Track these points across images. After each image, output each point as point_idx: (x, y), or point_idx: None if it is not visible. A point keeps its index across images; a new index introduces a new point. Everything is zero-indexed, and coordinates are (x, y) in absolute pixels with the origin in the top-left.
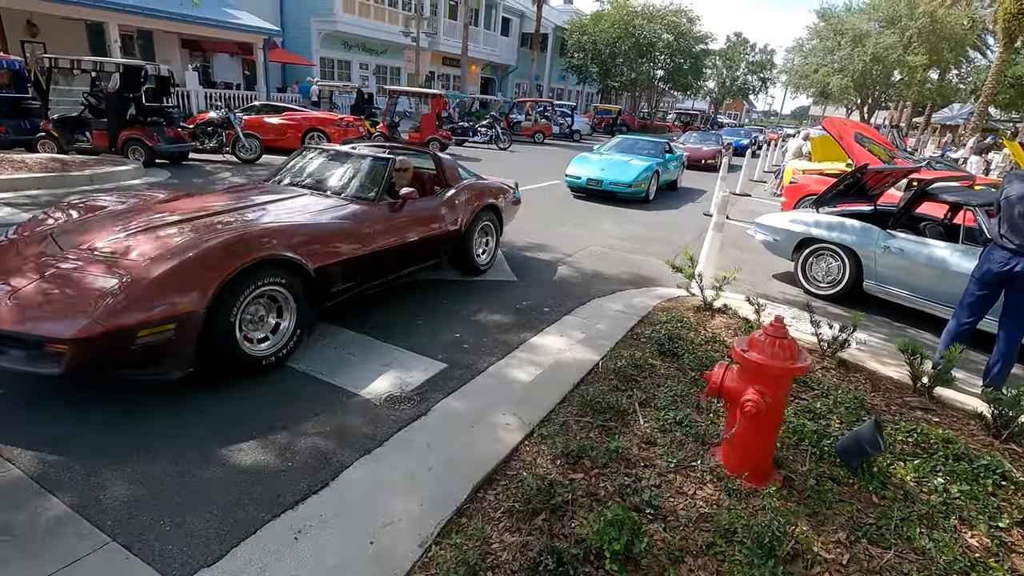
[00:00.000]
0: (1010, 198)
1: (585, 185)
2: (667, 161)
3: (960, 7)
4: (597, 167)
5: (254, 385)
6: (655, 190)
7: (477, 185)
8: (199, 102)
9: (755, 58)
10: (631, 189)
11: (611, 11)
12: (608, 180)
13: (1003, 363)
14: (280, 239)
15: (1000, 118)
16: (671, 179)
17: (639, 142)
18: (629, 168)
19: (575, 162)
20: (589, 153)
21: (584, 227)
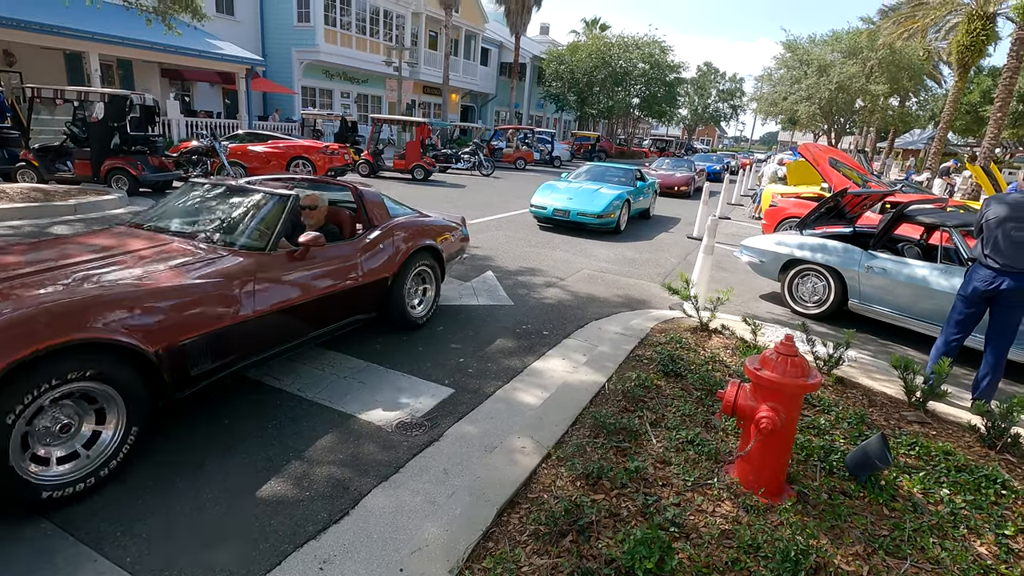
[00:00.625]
0: (990, 221)
1: (551, 216)
2: (639, 189)
3: (916, 39)
4: (564, 196)
5: (262, 413)
6: (627, 220)
7: (411, 224)
8: (180, 131)
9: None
10: (600, 220)
11: (587, 42)
12: (576, 210)
13: (991, 377)
14: (102, 312)
15: (958, 143)
16: (644, 207)
17: (609, 169)
18: (598, 197)
19: (541, 191)
20: (556, 181)
21: (574, 251)
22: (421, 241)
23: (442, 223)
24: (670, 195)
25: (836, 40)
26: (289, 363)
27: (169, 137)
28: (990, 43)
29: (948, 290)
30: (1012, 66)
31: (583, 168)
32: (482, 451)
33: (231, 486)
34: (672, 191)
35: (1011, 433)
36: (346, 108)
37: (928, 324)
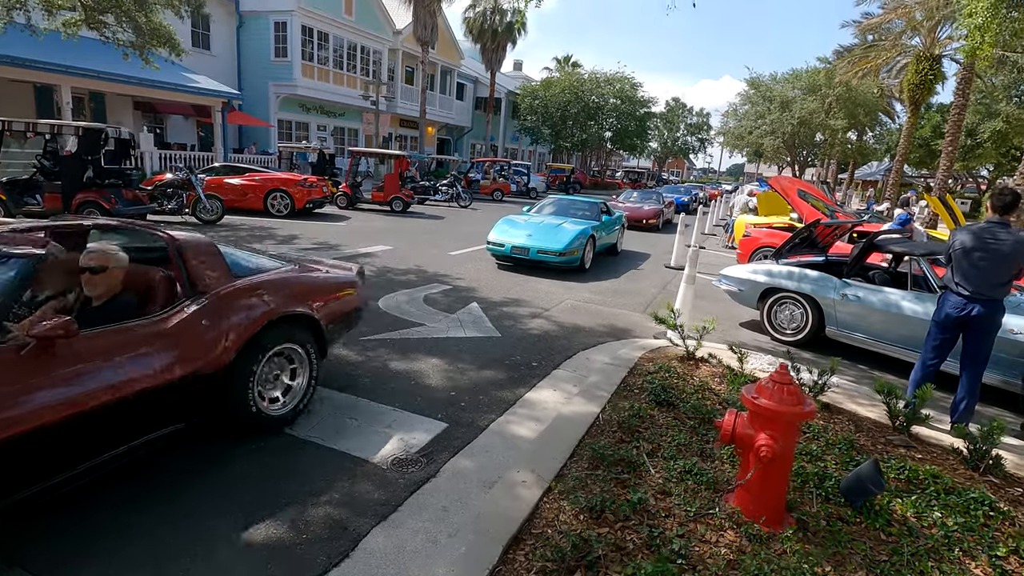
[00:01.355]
0: (958, 250)
1: (509, 253)
2: (605, 224)
3: (870, 78)
4: (523, 232)
5: (253, 455)
6: (592, 257)
7: (266, 284)
8: (154, 163)
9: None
10: (563, 258)
11: (561, 78)
12: (536, 247)
13: (968, 400)
14: None
15: (913, 174)
16: (610, 243)
17: (573, 202)
18: (560, 233)
19: (499, 227)
20: (516, 216)
21: (556, 281)
22: (284, 309)
23: (323, 280)
24: (638, 228)
25: (796, 78)
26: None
27: (143, 170)
28: (938, 82)
29: (922, 316)
30: (959, 103)
31: (546, 201)
32: (481, 486)
33: (224, 531)
34: (640, 224)
35: (992, 455)
36: (323, 141)
37: (904, 349)
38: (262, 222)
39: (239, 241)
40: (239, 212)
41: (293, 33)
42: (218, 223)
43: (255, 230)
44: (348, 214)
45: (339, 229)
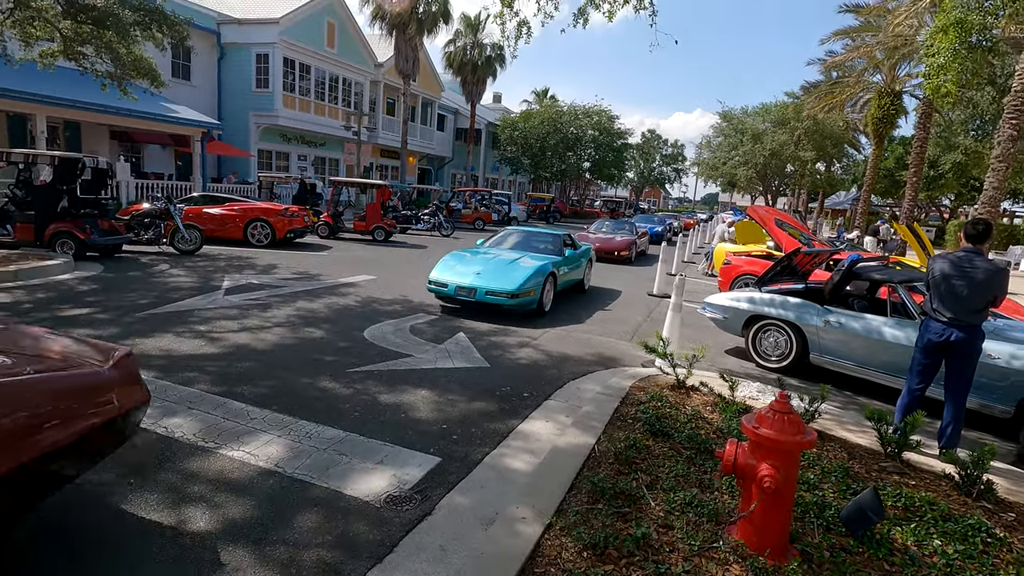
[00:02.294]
0: (936, 277)
1: (453, 295)
2: (569, 259)
3: (836, 112)
4: (471, 270)
5: (238, 495)
6: (552, 297)
7: None
8: (130, 193)
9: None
10: (516, 300)
11: (540, 110)
12: (484, 288)
13: (954, 425)
14: None
15: (880, 203)
16: (575, 279)
17: (533, 235)
18: (514, 270)
19: (445, 263)
20: (466, 250)
21: None
22: None
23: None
24: (610, 260)
25: (766, 111)
26: (261, 434)
27: (119, 200)
28: (899, 116)
29: (903, 342)
30: (921, 136)
31: (501, 234)
32: (479, 523)
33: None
34: (612, 256)
35: (984, 481)
36: (303, 171)
37: (887, 375)
38: (241, 251)
39: (217, 271)
40: (218, 242)
41: (275, 65)
42: (196, 253)
43: (234, 260)
44: (330, 243)
45: (320, 259)
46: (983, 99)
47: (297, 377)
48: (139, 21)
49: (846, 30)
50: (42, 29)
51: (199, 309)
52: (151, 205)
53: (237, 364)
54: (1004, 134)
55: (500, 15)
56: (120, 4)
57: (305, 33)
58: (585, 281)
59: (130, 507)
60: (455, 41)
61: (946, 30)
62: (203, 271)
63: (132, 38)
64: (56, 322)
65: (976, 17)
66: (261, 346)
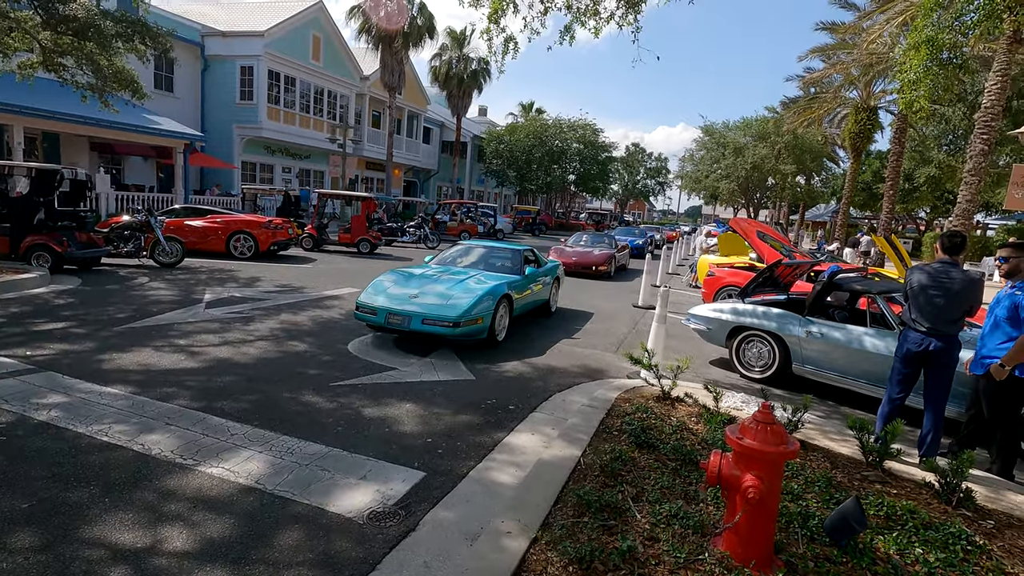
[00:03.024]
0: (914, 288)
1: (383, 324)
2: (530, 277)
3: (814, 127)
4: (407, 292)
5: (216, 513)
6: (507, 323)
7: None
8: (110, 205)
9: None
10: (460, 329)
11: (525, 123)
12: (421, 314)
13: (933, 433)
14: None
15: (858, 216)
16: (539, 300)
17: (489, 251)
18: (460, 293)
19: (377, 284)
20: (408, 268)
21: (524, 320)
22: None
23: None
24: (588, 276)
25: (747, 126)
26: (241, 450)
27: (98, 212)
28: (876, 131)
29: (884, 351)
30: (896, 151)
31: (452, 249)
32: (464, 539)
33: None
34: (590, 271)
35: (963, 489)
36: (288, 183)
37: (868, 385)
38: (224, 264)
39: (198, 284)
40: (200, 255)
41: (260, 77)
42: (177, 266)
43: (216, 272)
44: (314, 256)
45: (304, 271)
46: (955, 115)
47: (279, 391)
48: (121, 33)
49: (823, 47)
50: (21, 40)
51: (179, 323)
52: (131, 217)
53: (218, 379)
54: (975, 149)
55: (487, 31)
56: (102, 16)
57: (290, 46)
58: (552, 303)
59: (103, 527)
60: (441, 55)
61: (918, 48)
62: (184, 284)
63: (114, 50)
64: (31, 337)
65: (947, 36)
66: (243, 360)
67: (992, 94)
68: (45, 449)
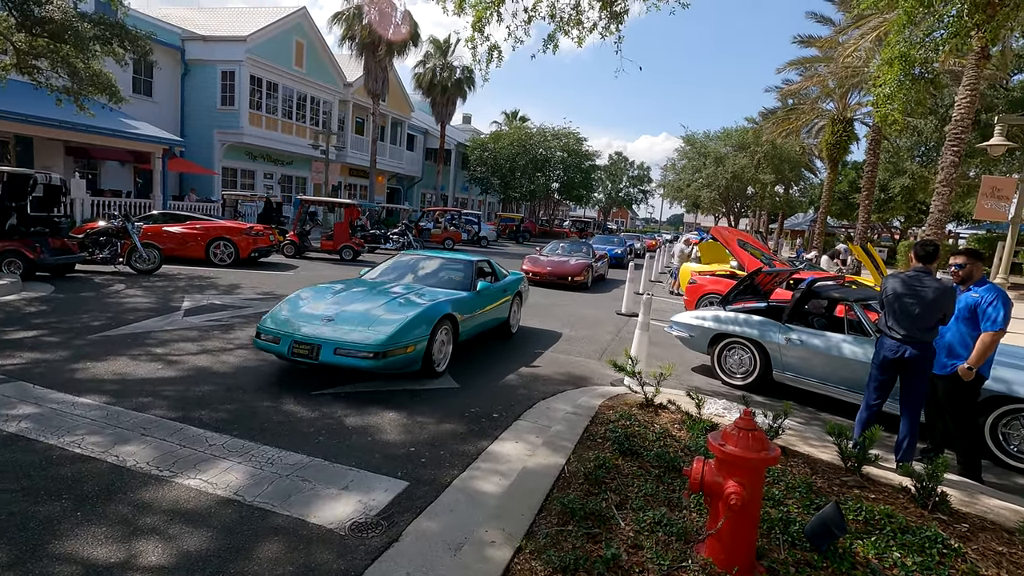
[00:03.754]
0: (889, 296)
1: (287, 355)
2: (482, 294)
3: (793, 138)
4: (322, 314)
5: (194, 526)
6: (451, 349)
7: None
8: (86, 210)
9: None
10: (385, 360)
11: (509, 131)
12: (334, 342)
13: (910, 439)
14: None
15: (835, 225)
16: (495, 319)
17: (437, 262)
18: (386, 315)
19: (291, 302)
20: (332, 283)
21: None
22: None
23: None
24: (563, 286)
25: (727, 136)
26: (220, 461)
27: (73, 217)
28: (852, 142)
29: (862, 358)
30: (872, 162)
31: (392, 261)
32: (448, 549)
33: None
34: (566, 282)
35: (938, 493)
36: (269, 189)
37: (846, 391)
38: (203, 271)
39: (177, 291)
40: (179, 261)
41: (241, 82)
42: (155, 273)
43: (195, 279)
44: (296, 263)
45: (285, 278)
46: (927, 127)
47: (259, 400)
48: (99, 36)
49: (800, 60)
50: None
51: (156, 331)
52: (107, 223)
53: (196, 388)
54: (946, 160)
55: (471, 39)
56: (79, 18)
57: (273, 51)
58: (512, 322)
59: (75, 542)
60: (425, 62)
61: (891, 63)
62: (162, 291)
63: (91, 53)
64: (0, 346)
65: (918, 52)
66: (222, 369)
67: (962, 108)
68: (14, 462)
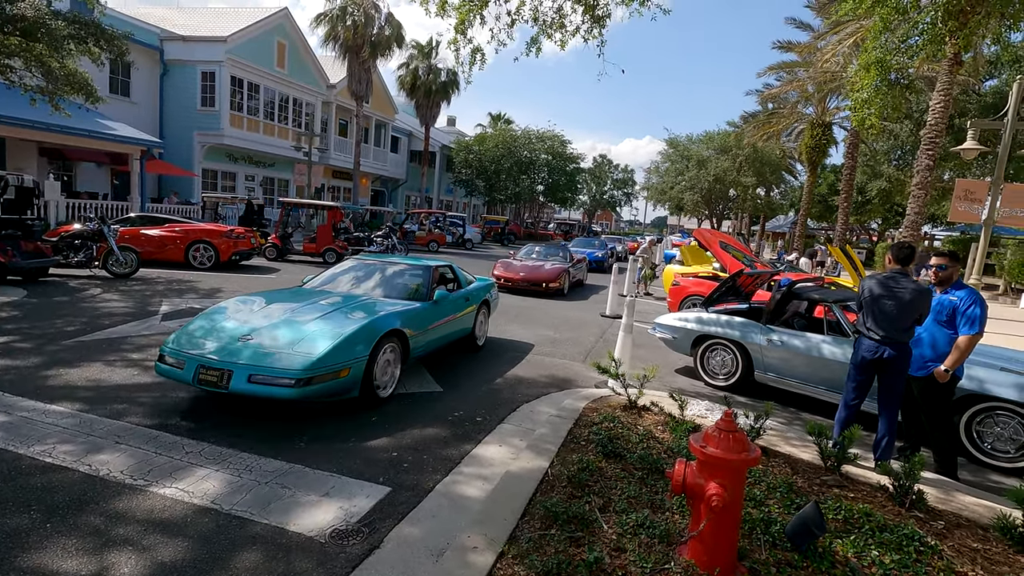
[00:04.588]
0: (867, 297)
1: (190, 382)
2: (441, 304)
3: (774, 141)
4: (236, 331)
5: (169, 536)
6: (399, 371)
7: None
8: (60, 213)
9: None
10: (312, 387)
11: (494, 133)
12: (248, 367)
13: (887, 438)
14: None
15: (815, 227)
16: (458, 332)
17: (390, 268)
18: (316, 331)
19: (205, 319)
20: (264, 293)
21: (495, 331)
22: None
23: None
24: (536, 293)
25: (710, 139)
26: (197, 469)
27: (46, 220)
28: (830, 146)
29: (841, 358)
30: (850, 165)
31: (341, 266)
32: (430, 555)
33: None
34: (540, 288)
35: (915, 491)
36: (251, 191)
37: (827, 391)
38: (182, 275)
39: (155, 295)
40: (157, 265)
41: (222, 83)
42: (132, 276)
43: (173, 283)
44: (278, 266)
45: (267, 282)
46: (903, 131)
47: (238, 407)
48: (74, 35)
49: (780, 65)
50: None
51: (133, 336)
52: (82, 226)
53: (172, 394)
54: (922, 164)
55: (454, 41)
56: (53, 16)
57: (254, 52)
58: (478, 334)
59: (44, 555)
60: (408, 65)
61: (868, 68)
62: (139, 296)
63: (65, 51)
64: None
65: (894, 57)
66: None
67: (936, 112)
68: None
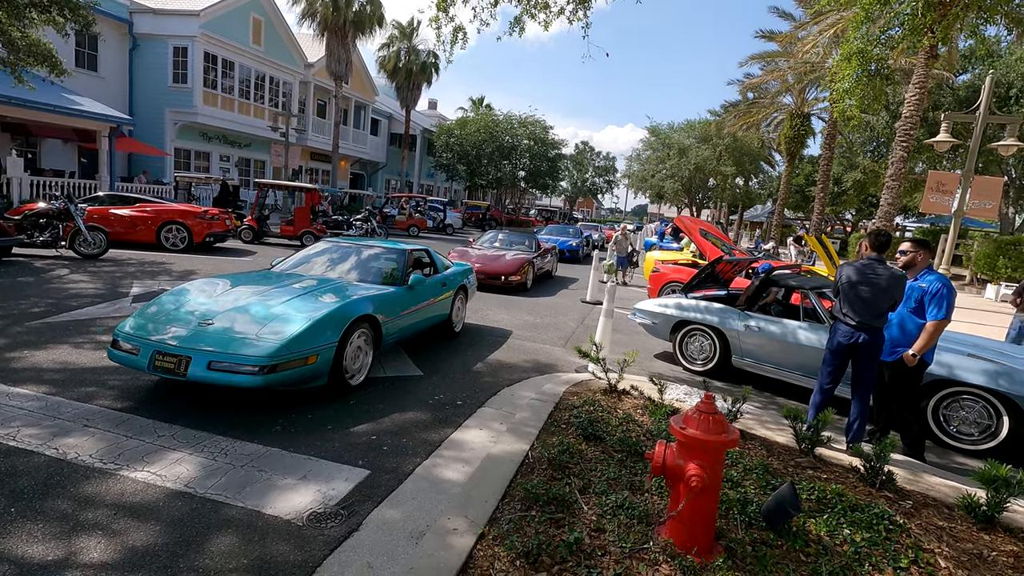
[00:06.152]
0: (844, 284)
1: (146, 369)
2: (416, 289)
3: (753, 131)
4: (201, 312)
5: (141, 520)
6: (371, 358)
7: None
8: (24, 191)
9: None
10: (277, 374)
11: (476, 117)
12: (209, 353)
13: (859, 422)
14: None
15: (792, 217)
16: (434, 318)
17: (364, 252)
18: (283, 315)
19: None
20: (230, 276)
21: (475, 316)
22: None
23: None
24: (496, 288)
25: (691, 128)
26: (170, 452)
27: (9, 198)
28: (808, 136)
29: (816, 344)
30: (827, 156)
31: (313, 248)
32: (409, 537)
33: None
34: (498, 282)
35: (885, 472)
36: (226, 172)
37: (802, 376)
38: (154, 256)
39: (125, 276)
40: (128, 246)
41: (194, 59)
42: (101, 257)
43: (145, 265)
44: (254, 248)
45: (242, 264)
46: (879, 123)
47: (212, 389)
48: (36, 2)
49: (762, 54)
50: None
51: (102, 317)
52: (48, 204)
53: (144, 377)
54: (896, 155)
55: (435, 19)
56: None
57: (228, 28)
58: (455, 319)
59: (8, 541)
60: (389, 45)
61: (849, 59)
62: (109, 277)
63: (28, 20)
64: None
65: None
66: None
67: (911, 105)
68: None
